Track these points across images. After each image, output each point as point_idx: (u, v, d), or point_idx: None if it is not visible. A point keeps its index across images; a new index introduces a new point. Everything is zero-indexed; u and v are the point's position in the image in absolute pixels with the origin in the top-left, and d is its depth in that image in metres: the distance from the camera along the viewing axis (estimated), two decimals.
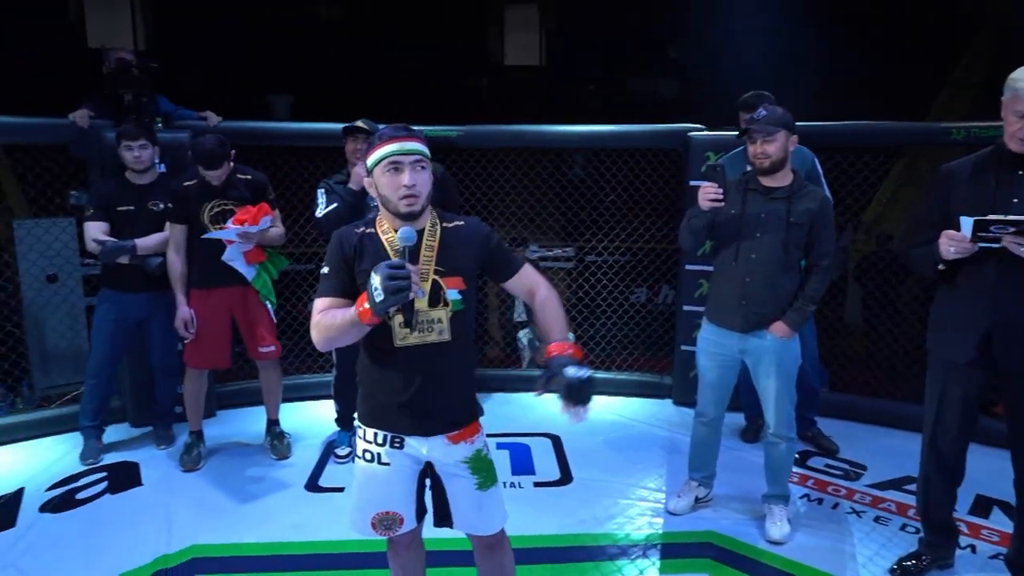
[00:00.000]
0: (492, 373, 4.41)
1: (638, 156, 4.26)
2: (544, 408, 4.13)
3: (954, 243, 2.16)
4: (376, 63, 8.72)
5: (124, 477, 3.30)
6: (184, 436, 3.50)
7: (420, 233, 1.79)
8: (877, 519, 2.96)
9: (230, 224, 3.14)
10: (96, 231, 3.26)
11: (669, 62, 9.91)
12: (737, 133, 2.83)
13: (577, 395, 1.73)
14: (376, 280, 1.57)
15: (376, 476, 1.88)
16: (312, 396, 4.22)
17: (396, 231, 1.73)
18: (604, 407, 4.19)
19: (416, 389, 1.81)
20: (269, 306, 3.36)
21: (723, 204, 2.62)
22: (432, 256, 1.80)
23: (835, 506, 3.07)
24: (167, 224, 3.28)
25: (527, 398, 4.27)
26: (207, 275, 3.23)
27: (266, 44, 8.44)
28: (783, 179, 2.69)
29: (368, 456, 1.88)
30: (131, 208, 3.32)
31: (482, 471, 1.91)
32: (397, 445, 1.85)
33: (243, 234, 3.13)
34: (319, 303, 1.78)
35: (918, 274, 2.66)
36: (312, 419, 3.96)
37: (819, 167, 3.32)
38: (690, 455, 3.05)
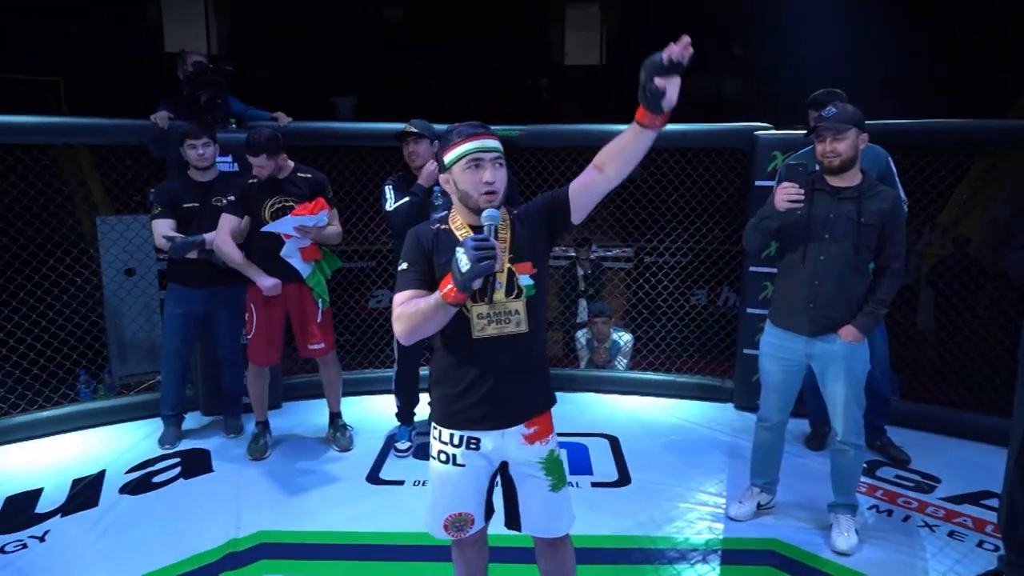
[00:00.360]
0: (551, 373, 4.41)
1: (701, 156, 4.20)
2: (602, 408, 4.13)
3: None
4: (437, 63, 8.83)
5: (196, 463, 3.44)
6: (251, 426, 3.63)
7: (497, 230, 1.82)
8: (951, 534, 2.83)
9: (289, 216, 3.22)
10: (165, 228, 3.40)
11: (733, 60, 9.71)
12: (805, 132, 2.75)
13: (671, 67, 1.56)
14: (461, 252, 1.62)
15: (450, 478, 1.91)
16: (373, 391, 4.30)
17: (470, 227, 1.79)
18: (663, 410, 4.15)
19: (494, 380, 1.83)
20: (321, 304, 3.42)
21: (802, 205, 2.55)
22: (505, 248, 1.82)
23: (906, 518, 2.96)
24: (223, 215, 3.33)
25: (585, 398, 4.27)
26: (266, 271, 3.31)
27: (330, 46, 8.65)
28: (852, 178, 2.61)
29: (443, 457, 1.91)
30: (196, 205, 3.45)
31: (555, 472, 1.93)
32: (473, 446, 1.87)
33: (300, 227, 3.19)
34: (399, 297, 1.80)
35: (1016, 280, 2.54)
36: (373, 413, 4.04)
37: (893, 166, 3.20)
38: (752, 460, 2.99)
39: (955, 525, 2.89)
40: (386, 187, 3.36)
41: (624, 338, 4.82)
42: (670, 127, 4.05)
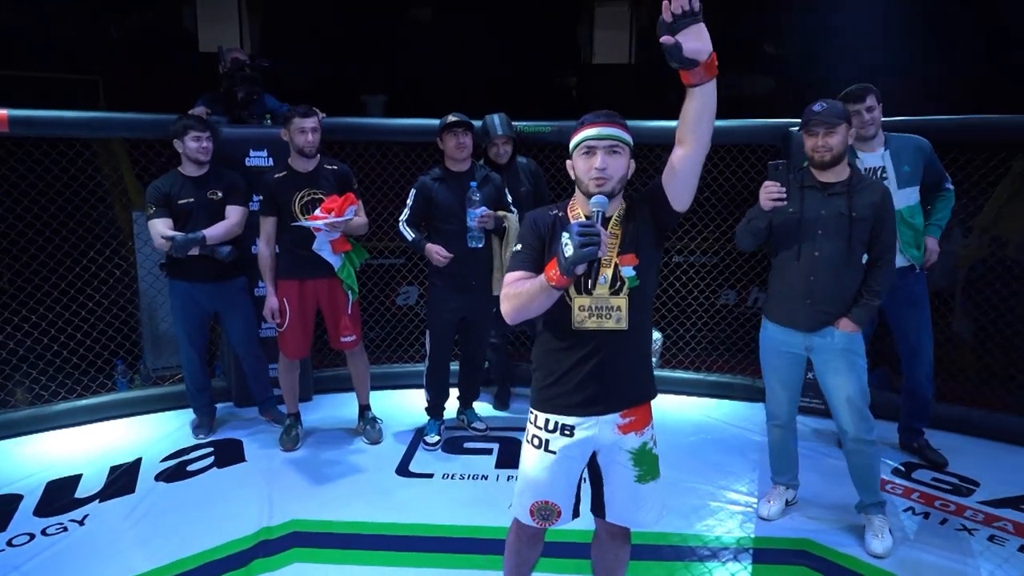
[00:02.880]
0: None
1: (735, 152, 4.15)
2: None
3: None
4: (466, 62, 8.85)
5: (229, 453, 3.49)
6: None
7: (608, 220, 1.83)
8: (991, 538, 2.77)
9: (318, 213, 3.24)
10: (162, 227, 3.35)
11: (764, 58, 9.60)
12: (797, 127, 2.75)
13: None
14: (566, 236, 1.63)
15: (541, 463, 1.92)
16: (402, 385, 4.33)
17: (586, 216, 1.82)
18: (693, 407, 4.12)
19: (590, 370, 1.84)
20: (351, 296, 3.44)
21: (785, 203, 2.58)
22: (615, 243, 1.82)
23: (943, 521, 2.89)
24: (236, 208, 3.40)
25: None
26: (299, 266, 3.34)
27: (360, 45, 8.72)
28: (840, 173, 2.63)
29: (536, 442, 1.93)
30: (191, 200, 3.40)
31: (644, 464, 1.93)
32: (567, 434, 1.89)
33: (330, 224, 3.22)
34: (510, 276, 1.84)
35: None
36: (403, 407, 4.07)
37: (934, 152, 3.20)
38: (771, 460, 2.99)
39: (995, 529, 2.82)
40: (413, 191, 3.38)
41: (654, 336, 4.79)
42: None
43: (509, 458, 3.45)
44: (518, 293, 1.78)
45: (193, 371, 3.66)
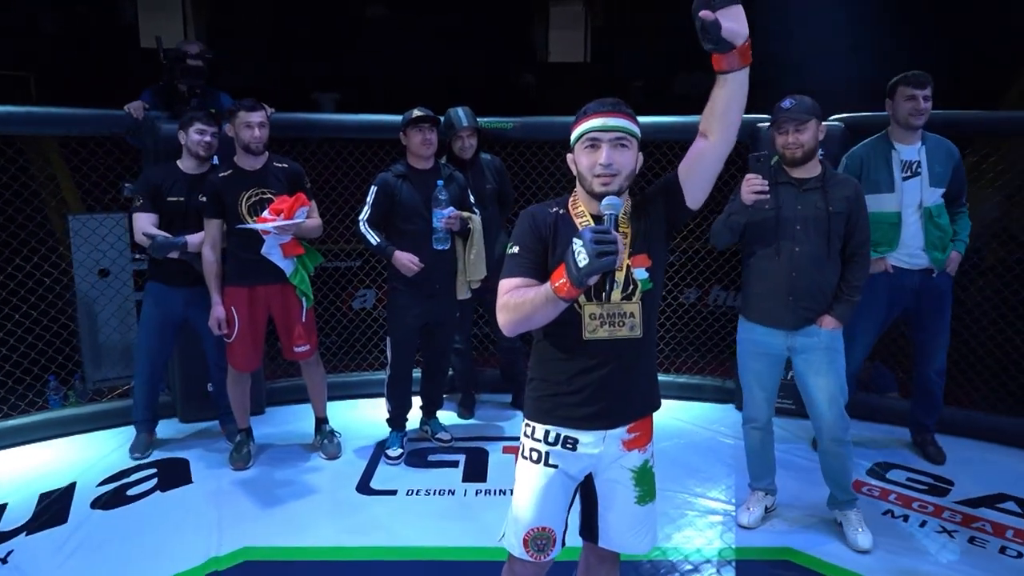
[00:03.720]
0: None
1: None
2: None
3: None
4: (420, 60, 8.66)
5: (174, 474, 3.23)
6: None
7: (618, 220, 1.64)
8: (972, 540, 2.72)
9: (266, 215, 3.03)
10: (146, 223, 3.16)
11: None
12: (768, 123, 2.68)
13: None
14: (578, 244, 1.43)
15: (539, 480, 1.73)
16: (361, 394, 4.13)
17: (592, 215, 1.65)
18: (662, 411, 3.98)
19: (601, 381, 1.67)
20: (305, 303, 3.23)
21: (767, 196, 2.52)
22: (626, 244, 1.63)
23: (923, 524, 2.84)
24: (204, 220, 3.15)
25: None
26: (247, 272, 3.12)
27: (311, 41, 8.45)
28: (813, 169, 2.62)
29: (535, 456, 1.74)
30: (181, 199, 3.21)
31: (644, 483, 1.78)
32: (569, 446, 1.71)
33: (279, 227, 3.01)
34: (506, 283, 1.64)
35: None
36: (362, 418, 3.86)
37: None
38: (749, 464, 2.90)
39: (974, 531, 2.78)
40: (374, 188, 3.19)
41: None
42: (670, 119, 3.94)
43: (476, 471, 3.28)
44: (519, 304, 1.57)
45: (150, 381, 3.41)
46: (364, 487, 3.14)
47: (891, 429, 3.65)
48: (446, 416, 3.80)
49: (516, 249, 1.66)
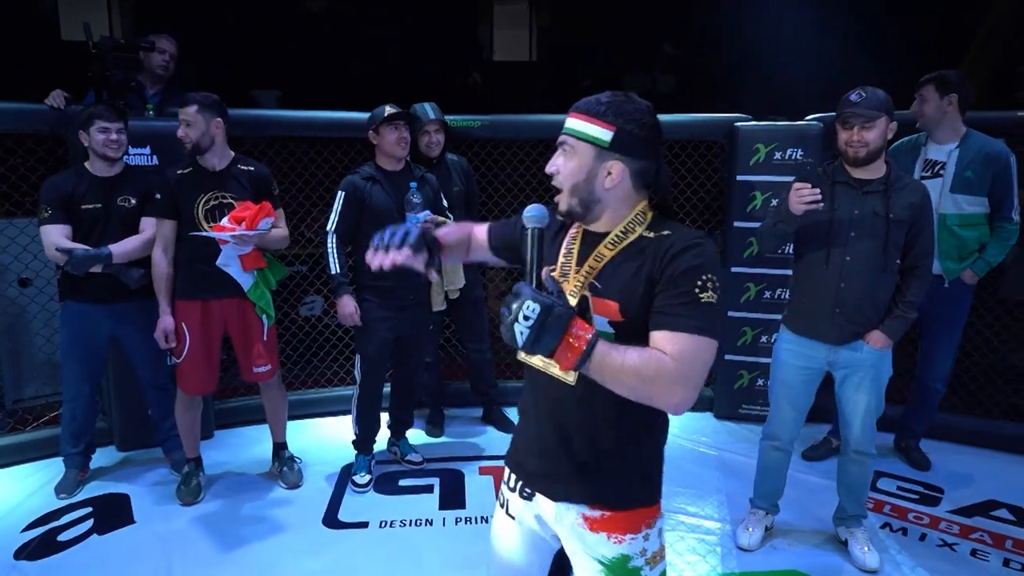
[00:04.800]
0: (501, 386, 3.99)
1: (677, 149, 3.90)
2: None
3: None
4: (364, 57, 8.34)
5: (113, 513, 2.87)
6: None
7: (602, 237, 1.33)
8: (974, 552, 2.65)
9: (225, 223, 2.72)
10: (57, 236, 2.76)
11: (665, 57, 9.70)
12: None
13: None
14: (514, 304, 1.18)
15: (501, 530, 1.49)
16: (321, 412, 3.82)
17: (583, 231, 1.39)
18: None
19: (541, 426, 1.39)
20: (266, 321, 2.93)
21: (821, 206, 2.33)
22: (596, 269, 1.32)
23: (923, 537, 2.75)
24: (152, 220, 2.82)
25: None
26: (199, 284, 2.80)
27: (248, 35, 8.02)
28: (877, 170, 2.39)
29: (500, 500, 1.51)
30: (98, 206, 2.83)
31: None
32: (526, 496, 1.44)
33: (239, 237, 2.70)
34: None
35: None
36: (323, 439, 3.56)
37: (1014, 170, 2.93)
38: (757, 482, 2.74)
39: (974, 542, 2.71)
40: (341, 194, 2.90)
41: None
42: None
43: (454, 496, 3.04)
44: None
45: (80, 409, 3.01)
46: (332, 520, 2.86)
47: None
48: (414, 435, 3.54)
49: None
